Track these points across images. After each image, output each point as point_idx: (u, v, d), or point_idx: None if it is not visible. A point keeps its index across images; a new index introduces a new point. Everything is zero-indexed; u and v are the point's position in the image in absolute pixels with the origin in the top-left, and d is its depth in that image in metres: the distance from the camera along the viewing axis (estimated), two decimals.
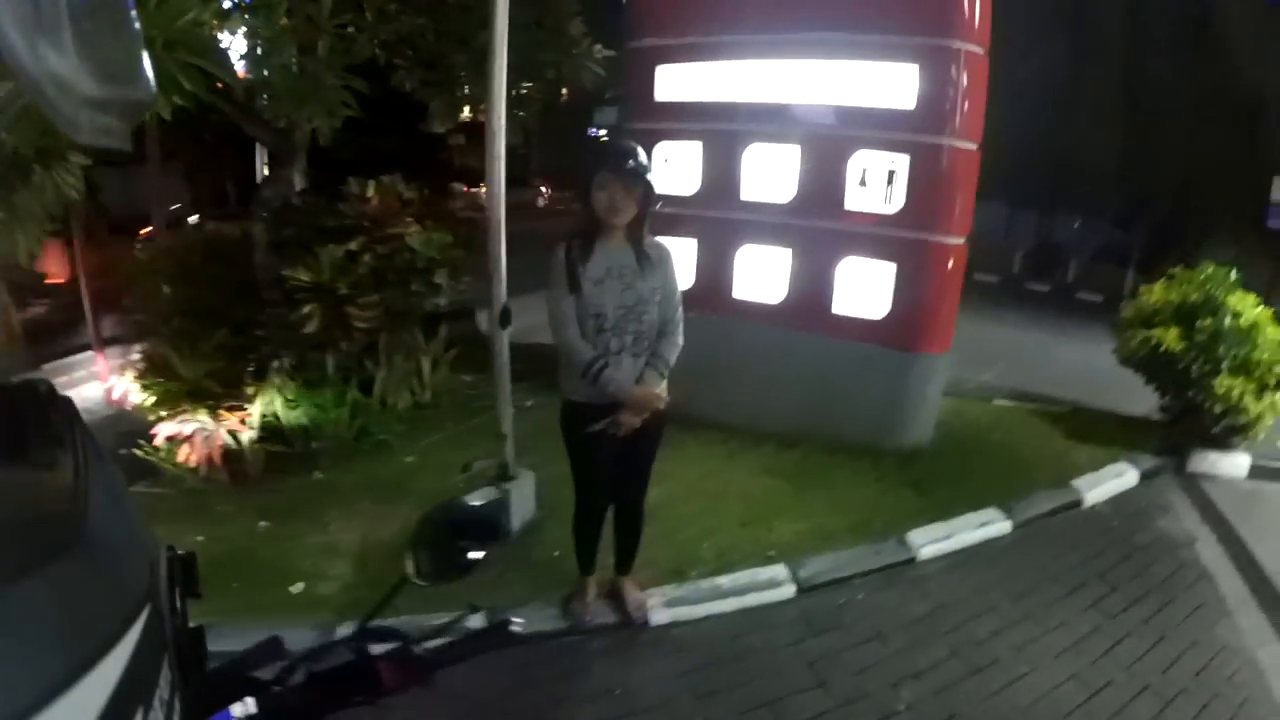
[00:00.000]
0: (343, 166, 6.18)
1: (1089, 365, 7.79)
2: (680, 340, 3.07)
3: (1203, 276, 5.82)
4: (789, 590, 3.80)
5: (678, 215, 5.01)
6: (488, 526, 1.36)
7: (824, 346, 5.22)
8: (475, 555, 1.37)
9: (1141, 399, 6.25)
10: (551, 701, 3.08)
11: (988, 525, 4.53)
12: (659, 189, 2.95)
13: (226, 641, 1.38)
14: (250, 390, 4.95)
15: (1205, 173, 12.38)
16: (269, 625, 2.10)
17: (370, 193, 5.47)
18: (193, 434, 4.65)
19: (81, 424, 0.68)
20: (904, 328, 5.13)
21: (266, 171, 5.80)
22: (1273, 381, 5.39)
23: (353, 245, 5.05)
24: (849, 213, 5.09)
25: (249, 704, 0.98)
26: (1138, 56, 13.22)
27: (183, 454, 4.65)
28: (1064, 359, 8.62)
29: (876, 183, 5.03)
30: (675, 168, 5.40)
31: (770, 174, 5.22)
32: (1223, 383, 5.35)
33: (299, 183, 5.48)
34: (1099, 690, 3.27)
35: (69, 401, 0.68)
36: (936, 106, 4.78)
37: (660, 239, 3.09)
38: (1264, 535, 4.65)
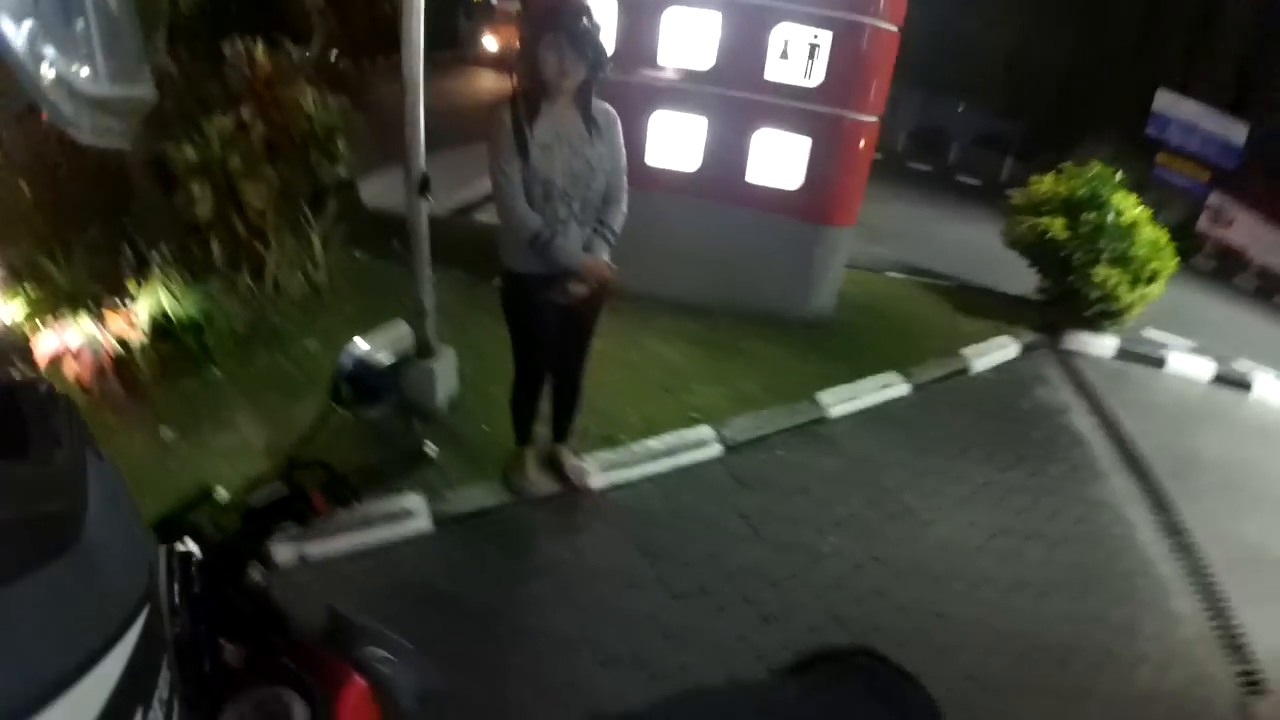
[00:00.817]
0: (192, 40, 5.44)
1: (969, 244, 8.26)
2: (625, 209, 2.96)
3: (1091, 174, 6.23)
4: (716, 449, 3.96)
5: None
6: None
7: (737, 216, 5.24)
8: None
9: (1020, 279, 6.70)
10: (508, 574, 3.10)
11: (889, 388, 4.84)
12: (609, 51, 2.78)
13: None
14: (133, 288, 4.46)
15: (1091, 72, 12.88)
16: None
17: (259, 54, 4.86)
18: (79, 348, 4.16)
19: (80, 424, 0.65)
20: (816, 200, 5.21)
21: None
22: (1145, 276, 5.91)
23: (243, 114, 4.54)
24: (768, 84, 5.01)
25: (188, 542, 0.99)
26: None
27: (71, 372, 4.17)
28: (946, 237, 9.05)
29: (798, 56, 4.96)
30: None
31: (690, 40, 5.02)
32: (1100, 272, 5.82)
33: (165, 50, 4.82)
34: (995, 535, 3.66)
35: (69, 401, 0.66)
36: None
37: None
38: (1129, 408, 5.21)
